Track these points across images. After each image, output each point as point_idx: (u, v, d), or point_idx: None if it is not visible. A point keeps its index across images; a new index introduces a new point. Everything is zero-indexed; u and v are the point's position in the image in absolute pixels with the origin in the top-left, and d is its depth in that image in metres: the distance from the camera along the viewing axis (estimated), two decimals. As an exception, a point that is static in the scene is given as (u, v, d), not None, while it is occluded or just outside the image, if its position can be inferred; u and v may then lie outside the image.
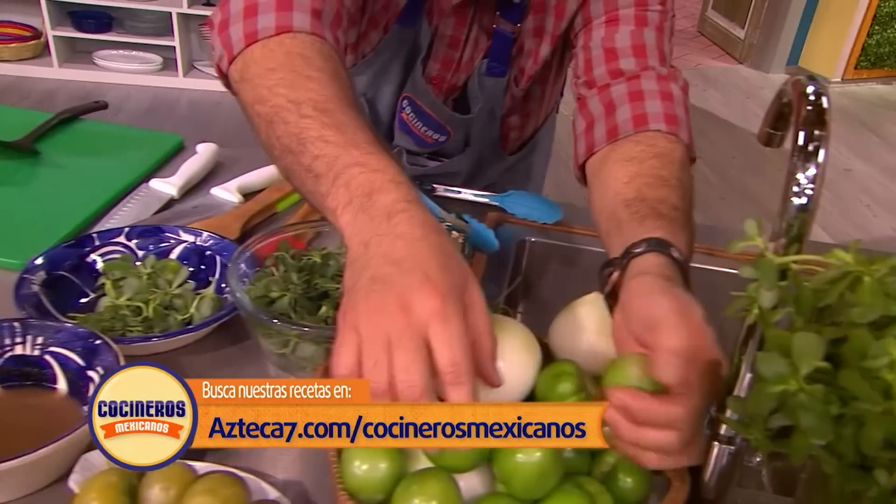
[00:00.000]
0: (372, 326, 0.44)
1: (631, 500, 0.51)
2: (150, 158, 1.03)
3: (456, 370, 0.44)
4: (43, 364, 0.63)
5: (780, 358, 0.37)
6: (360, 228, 0.49)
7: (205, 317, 0.73)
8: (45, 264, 0.74)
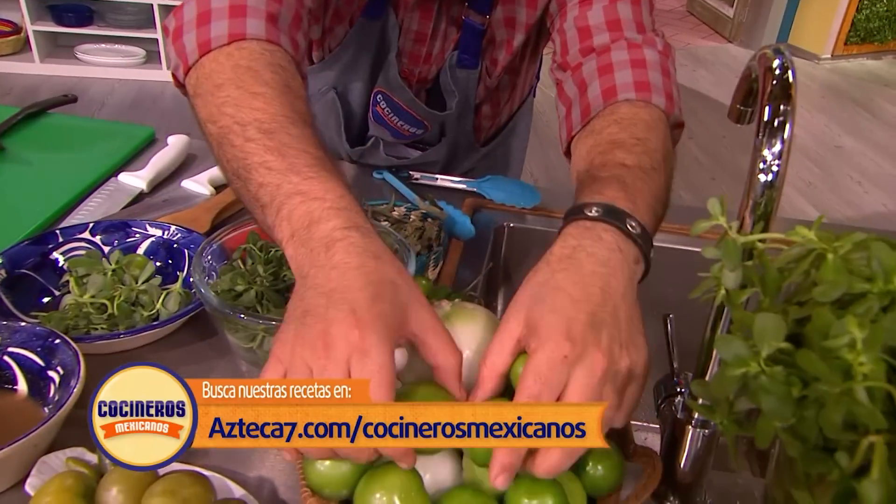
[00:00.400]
0: (297, 360, 0.44)
1: (603, 488, 0.50)
2: (120, 151, 1.01)
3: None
4: (2, 365, 0.62)
5: (741, 340, 0.35)
6: (301, 262, 0.48)
7: (171, 312, 0.71)
8: (5, 263, 0.72)
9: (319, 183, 0.50)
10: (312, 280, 0.46)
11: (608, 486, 0.50)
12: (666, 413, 0.61)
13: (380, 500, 0.45)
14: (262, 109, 0.55)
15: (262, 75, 0.58)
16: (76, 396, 0.56)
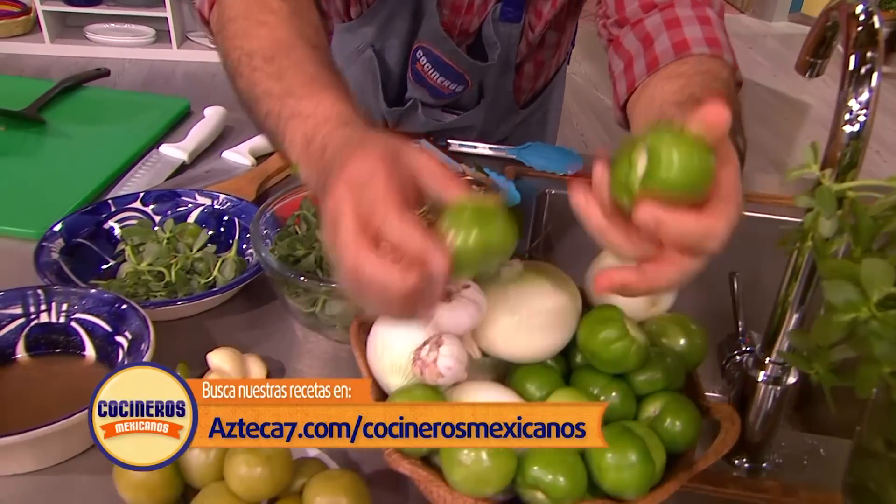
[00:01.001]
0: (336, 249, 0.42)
1: (680, 444, 0.50)
2: (158, 124, 1.01)
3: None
4: (70, 331, 0.62)
5: (851, 285, 0.35)
6: (310, 176, 0.49)
7: (228, 279, 0.72)
8: (63, 232, 0.73)
9: (310, 100, 0.51)
10: (322, 182, 0.46)
11: (685, 441, 0.50)
12: (731, 373, 0.61)
13: (467, 456, 0.45)
14: (266, 37, 0.57)
15: (269, 4, 0.59)
16: (149, 359, 0.57)
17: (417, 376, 0.50)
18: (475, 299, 0.50)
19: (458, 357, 0.49)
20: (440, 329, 0.50)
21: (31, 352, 0.62)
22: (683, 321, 0.56)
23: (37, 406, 0.59)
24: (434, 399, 0.49)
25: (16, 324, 0.61)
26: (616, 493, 0.47)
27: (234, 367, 0.61)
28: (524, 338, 0.51)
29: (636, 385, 0.53)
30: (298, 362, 0.68)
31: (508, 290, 0.52)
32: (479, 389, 0.51)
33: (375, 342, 0.54)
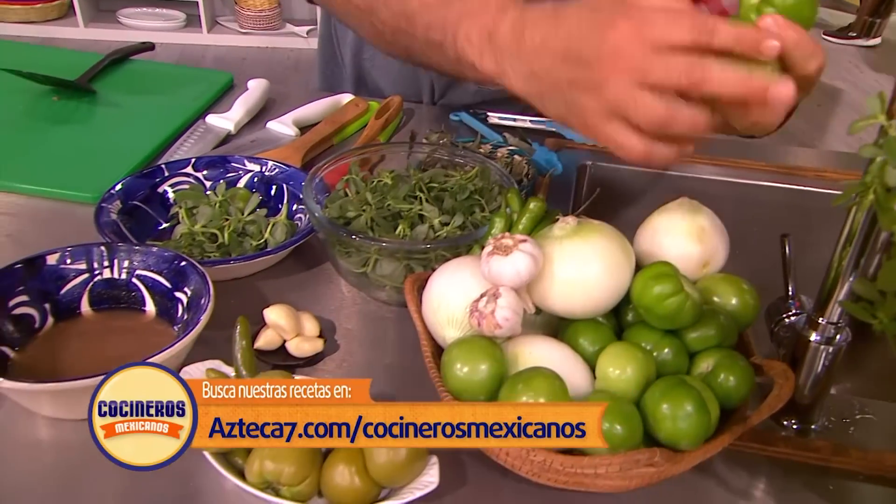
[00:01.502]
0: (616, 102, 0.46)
1: (734, 399, 0.50)
2: (204, 96, 1.02)
3: (694, 32, 0.44)
4: (131, 287, 0.64)
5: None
6: (501, 64, 0.51)
7: (279, 242, 0.73)
8: (121, 194, 0.75)
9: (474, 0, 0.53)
10: (547, 69, 0.48)
11: (739, 397, 0.51)
12: (781, 335, 0.61)
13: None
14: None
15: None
16: (209, 314, 0.58)
17: (474, 328, 0.51)
18: (532, 252, 0.51)
19: (516, 309, 0.50)
20: (497, 281, 0.51)
21: (94, 307, 0.64)
22: (735, 281, 0.57)
23: (100, 358, 0.61)
24: (491, 349, 0.50)
25: (80, 279, 0.63)
26: (671, 443, 0.48)
27: (290, 323, 0.62)
28: (578, 293, 0.52)
29: (689, 342, 0.53)
30: (347, 321, 0.69)
31: (564, 246, 0.53)
32: (533, 343, 0.52)
33: (431, 296, 0.55)
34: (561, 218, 0.55)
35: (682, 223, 0.58)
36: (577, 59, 0.46)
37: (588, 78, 0.46)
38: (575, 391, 0.50)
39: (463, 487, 0.54)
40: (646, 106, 0.45)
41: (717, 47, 0.44)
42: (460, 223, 0.69)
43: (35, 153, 0.87)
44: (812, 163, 1.00)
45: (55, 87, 0.99)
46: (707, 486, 0.55)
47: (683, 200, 0.59)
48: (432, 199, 0.72)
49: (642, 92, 0.44)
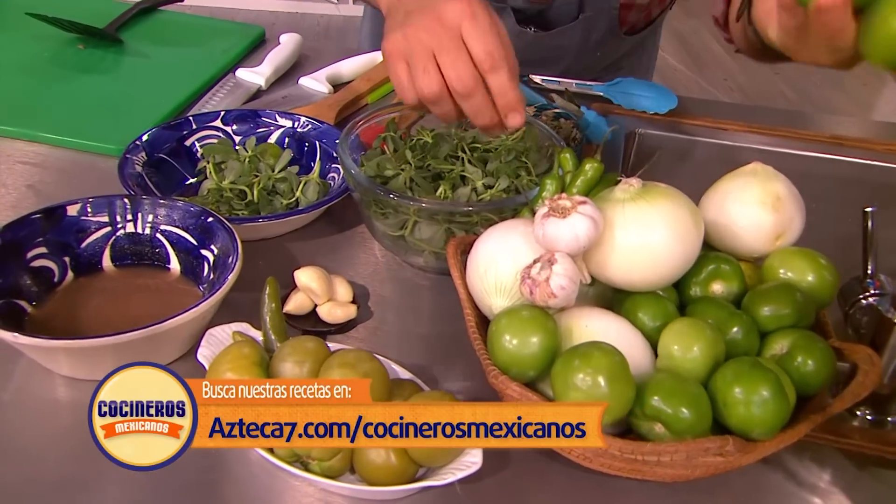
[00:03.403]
0: (415, 44, 0.53)
1: (812, 385, 0.46)
2: (234, 49, 0.98)
3: (490, 57, 0.52)
4: (155, 243, 0.60)
5: None
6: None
7: (311, 201, 0.69)
8: (146, 146, 0.71)
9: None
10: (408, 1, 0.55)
11: (818, 382, 0.46)
12: (857, 318, 0.56)
13: (583, 381, 0.42)
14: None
15: None
16: (236, 273, 0.54)
17: (526, 297, 0.47)
18: (592, 215, 0.46)
19: (572, 277, 0.46)
20: (552, 246, 0.47)
21: (116, 262, 0.60)
22: (811, 256, 0.51)
23: (122, 317, 0.57)
24: (543, 320, 0.46)
25: (102, 232, 0.60)
26: (742, 431, 0.43)
27: (321, 286, 0.58)
28: (642, 263, 0.47)
29: (761, 320, 0.48)
30: (380, 287, 0.65)
31: (627, 209, 0.48)
32: (590, 315, 0.48)
33: (477, 261, 0.51)
34: (623, 179, 0.49)
35: (755, 190, 0.52)
36: (416, 10, 0.54)
37: (413, 19, 0.54)
38: (635, 369, 0.45)
39: (506, 470, 0.50)
40: (420, 76, 0.54)
41: (489, 82, 0.53)
42: (505, 186, 0.64)
43: (59, 102, 0.84)
44: (875, 135, 0.93)
45: (81, 36, 0.95)
46: (771, 478, 0.51)
47: (756, 165, 0.54)
48: (475, 160, 0.67)
49: (430, 61, 0.53)
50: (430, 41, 0.52)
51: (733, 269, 0.51)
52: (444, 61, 0.52)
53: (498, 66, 0.52)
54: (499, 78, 0.53)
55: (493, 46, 0.52)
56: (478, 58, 0.52)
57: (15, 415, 0.52)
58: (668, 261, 0.47)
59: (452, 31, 0.52)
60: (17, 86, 0.87)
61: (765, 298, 0.49)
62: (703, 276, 0.51)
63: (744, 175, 0.54)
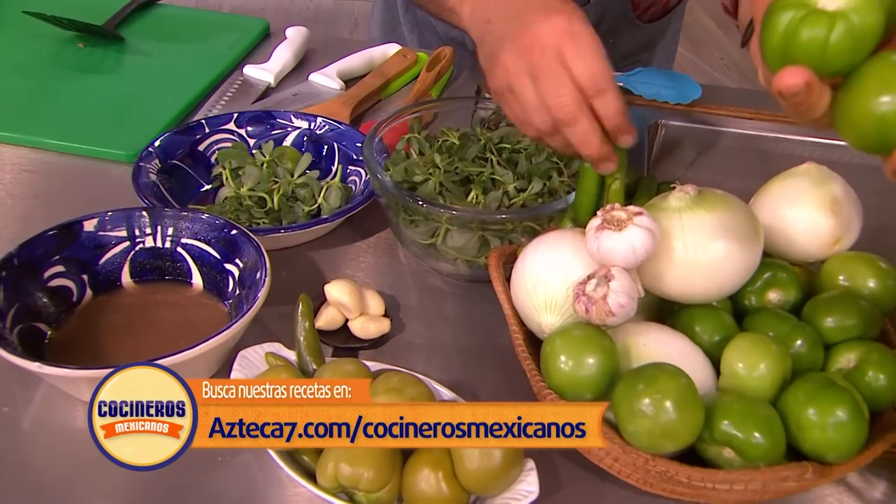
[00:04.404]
0: (515, 70, 0.49)
1: (884, 401, 0.43)
2: (239, 44, 0.94)
3: (594, 80, 0.47)
4: (176, 257, 0.58)
5: None
6: (479, 12, 0.54)
7: (333, 207, 0.66)
8: (159, 152, 0.67)
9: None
10: (497, 20, 0.52)
11: (890, 398, 0.44)
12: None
13: (649, 407, 0.40)
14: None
15: None
16: (266, 291, 0.52)
17: (580, 315, 0.44)
18: (649, 227, 0.44)
19: (631, 294, 0.43)
20: (608, 260, 0.44)
21: (135, 278, 0.57)
22: (872, 261, 0.49)
23: (143, 336, 0.55)
24: (600, 340, 0.43)
25: (121, 248, 0.57)
26: (816, 454, 0.41)
27: (353, 300, 0.56)
28: (701, 275, 0.45)
29: (825, 331, 0.46)
30: (409, 297, 0.63)
31: (684, 219, 0.45)
32: (647, 333, 0.45)
33: (525, 276, 0.48)
34: (678, 186, 0.47)
35: (811, 192, 0.50)
36: (511, 34, 0.50)
37: (507, 44, 0.50)
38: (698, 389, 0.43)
39: (559, 492, 0.47)
40: (513, 99, 0.50)
41: (595, 106, 0.48)
42: (539, 190, 0.62)
43: (63, 106, 0.80)
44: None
45: (80, 34, 0.91)
46: (829, 491, 0.49)
47: (810, 166, 0.52)
48: (504, 161, 0.64)
49: (526, 81, 0.49)
50: (530, 66, 0.48)
51: (790, 276, 0.49)
52: (544, 87, 0.48)
53: (604, 89, 0.47)
54: (606, 101, 0.47)
55: (596, 67, 0.47)
56: (581, 82, 0.47)
57: (36, 444, 0.50)
58: (729, 272, 0.45)
59: (552, 53, 0.47)
60: (18, 89, 0.83)
61: (828, 308, 0.46)
62: (758, 285, 0.49)
63: (797, 176, 0.51)
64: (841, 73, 0.36)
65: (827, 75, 0.35)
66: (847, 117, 0.36)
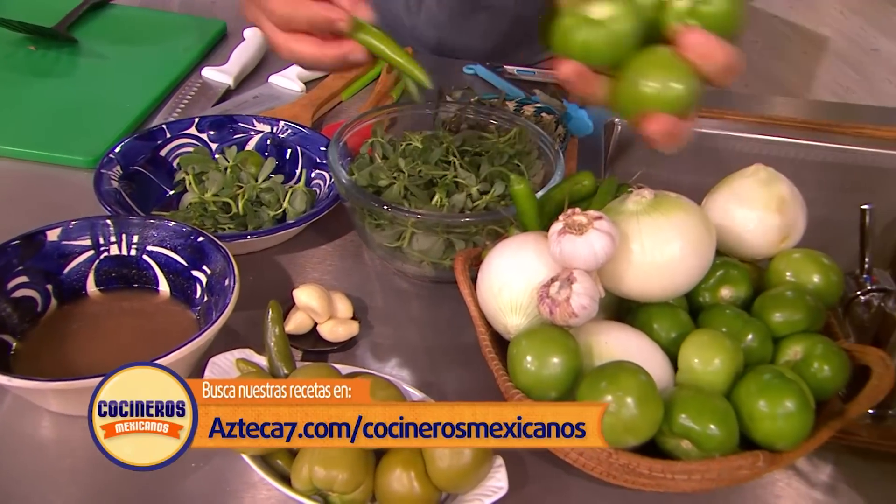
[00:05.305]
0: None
1: (828, 391, 0.46)
2: (196, 46, 0.94)
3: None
4: (142, 265, 0.57)
5: None
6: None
7: (299, 211, 0.67)
8: (120, 158, 0.67)
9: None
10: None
11: (835, 387, 0.47)
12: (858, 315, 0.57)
13: (612, 404, 0.42)
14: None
15: None
16: (236, 297, 0.52)
17: (545, 316, 0.46)
18: (609, 231, 0.45)
19: (593, 295, 0.45)
20: (569, 263, 0.46)
21: (101, 287, 0.57)
22: (815, 257, 0.52)
23: (111, 345, 0.55)
24: (564, 340, 0.45)
25: (85, 256, 0.56)
26: (767, 443, 0.43)
27: (322, 304, 0.57)
28: (658, 276, 0.47)
29: (773, 326, 0.49)
30: (376, 299, 0.64)
31: (641, 222, 0.47)
32: (608, 331, 0.47)
33: (490, 279, 0.50)
34: (635, 190, 0.49)
35: (759, 193, 0.53)
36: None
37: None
38: (656, 384, 0.45)
39: (526, 486, 0.49)
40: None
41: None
42: (501, 192, 0.63)
43: (16, 111, 0.79)
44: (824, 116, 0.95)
45: (31, 36, 0.89)
46: (779, 476, 0.52)
47: (758, 167, 0.54)
48: (467, 164, 0.66)
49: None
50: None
51: (741, 273, 0.52)
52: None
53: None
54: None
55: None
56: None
57: (1, 454, 0.50)
58: (685, 273, 0.47)
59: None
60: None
61: (776, 304, 0.49)
62: (712, 282, 0.51)
63: (746, 177, 0.54)
64: (607, 66, 0.46)
65: (596, 67, 0.46)
66: (616, 97, 0.47)
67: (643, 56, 0.45)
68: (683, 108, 0.45)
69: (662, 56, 0.45)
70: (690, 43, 0.44)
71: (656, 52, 0.45)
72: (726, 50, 0.45)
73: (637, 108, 0.46)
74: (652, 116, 0.45)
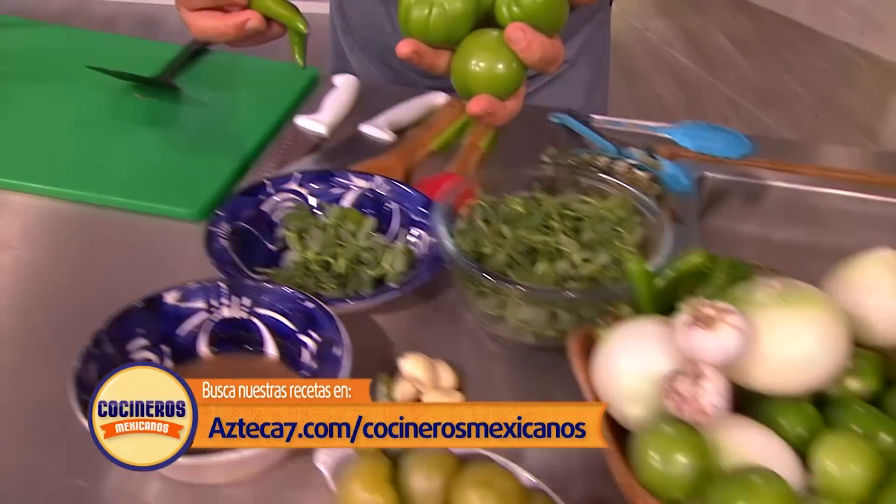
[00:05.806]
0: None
1: None
2: (290, 93, 0.95)
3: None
4: (250, 327, 0.58)
5: None
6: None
7: (399, 272, 0.67)
8: (227, 215, 0.68)
9: None
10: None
11: None
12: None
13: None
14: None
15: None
16: (349, 363, 0.52)
17: (671, 411, 0.45)
18: (742, 328, 0.44)
19: (724, 393, 0.44)
20: (699, 358, 0.45)
21: (212, 347, 0.58)
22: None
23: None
24: (693, 439, 0.44)
25: (199, 318, 0.58)
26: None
27: (427, 376, 0.57)
28: (790, 372, 0.46)
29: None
30: (478, 367, 0.63)
31: (772, 315, 0.46)
32: (732, 426, 0.46)
33: (609, 365, 0.49)
34: (762, 280, 0.48)
35: (890, 282, 0.50)
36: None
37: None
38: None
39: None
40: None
41: None
42: (605, 261, 0.62)
43: (124, 160, 0.81)
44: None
45: (138, 85, 0.92)
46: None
47: (886, 253, 0.52)
48: (568, 228, 0.65)
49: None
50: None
51: (870, 365, 0.49)
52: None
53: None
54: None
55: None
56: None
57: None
58: (819, 370, 0.46)
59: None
60: (79, 143, 0.84)
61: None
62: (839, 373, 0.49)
63: (873, 264, 0.52)
64: (445, 43, 0.52)
65: (434, 45, 0.52)
66: (453, 74, 0.53)
67: (474, 37, 0.51)
68: (505, 91, 0.52)
69: (490, 39, 0.51)
70: (510, 36, 0.50)
71: (487, 34, 0.51)
72: (543, 42, 0.50)
73: (466, 84, 0.51)
74: (477, 96, 0.51)
